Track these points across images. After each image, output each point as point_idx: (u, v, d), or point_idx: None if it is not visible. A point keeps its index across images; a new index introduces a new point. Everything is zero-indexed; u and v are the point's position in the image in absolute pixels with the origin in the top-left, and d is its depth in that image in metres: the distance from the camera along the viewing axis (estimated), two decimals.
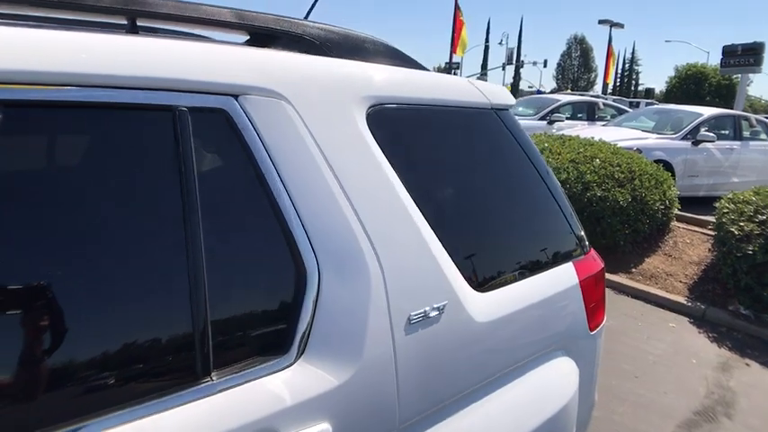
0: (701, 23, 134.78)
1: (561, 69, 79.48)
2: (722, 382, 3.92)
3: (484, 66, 66.02)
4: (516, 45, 67.00)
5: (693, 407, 3.58)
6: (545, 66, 61.30)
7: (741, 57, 17.45)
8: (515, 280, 1.59)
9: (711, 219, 5.84)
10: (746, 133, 10.23)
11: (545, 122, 11.84)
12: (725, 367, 4.16)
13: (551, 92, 46.34)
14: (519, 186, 1.73)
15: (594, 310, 1.80)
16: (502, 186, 1.68)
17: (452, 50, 28.59)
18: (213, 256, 1.05)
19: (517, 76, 69.58)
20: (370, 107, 1.37)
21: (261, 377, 1.09)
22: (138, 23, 1.25)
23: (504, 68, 55.33)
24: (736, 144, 9.79)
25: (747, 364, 4.25)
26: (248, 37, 1.57)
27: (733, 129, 10.03)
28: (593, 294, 1.79)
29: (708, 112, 9.98)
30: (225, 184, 1.12)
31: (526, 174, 1.73)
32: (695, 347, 4.46)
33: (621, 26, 39.39)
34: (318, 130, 1.23)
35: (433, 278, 1.35)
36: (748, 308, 5.00)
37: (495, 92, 1.75)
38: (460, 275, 1.42)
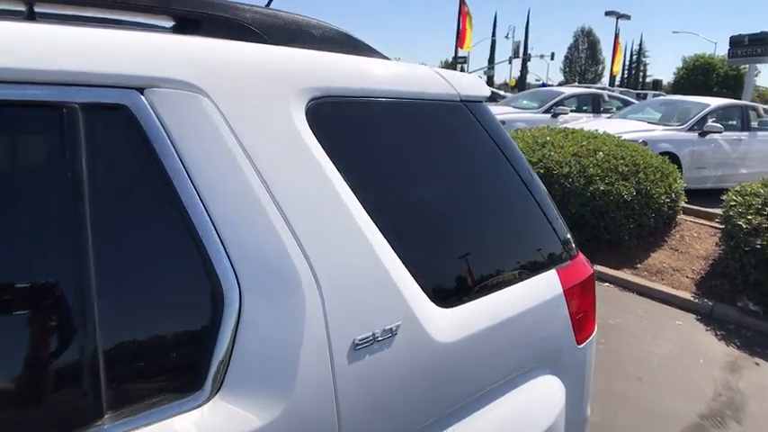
0: (708, 14, 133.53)
1: (569, 62, 78.88)
2: (731, 384, 3.74)
3: (491, 60, 65.54)
4: (523, 38, 66.49)
5: (700, 410, 3.40)
6: (552, 58, 60.74)
7: (748, 47, 17.24)
8: (488, 292, 1.42)
9: (719, 211, 5.64)
10: (754, 124, 10.01)
11: (549, 115, 11.63)
12: (733, 367, 3.98)
13: (559, 84, 46.02)
14: (492, 187, 1.56)
15: (582, 321, 1.63)
16: (471, 188, 1.51)
17: (458, 45, 28.38)
18: (107, 275, 0.90)
19: (524, 70, 69.07)
20: (310, 100, 1.20)
21: (166, 418, 0.93)
22: (38, 10, 1.10)
23: (510, 62, 55.00)
24: (744, 135, 9.57)
25: (757, 364, 4.07)
26: (174, 23, 1.40)
27: (741, 119, 9.81)
28: (580, 304, 1.62)
29: (715, 102, 9.75)
30: (123, 192, 0.96)
31: (501, 173, 1.56)
32: (702, 346, 4.28)
33: (628, 17, 39.05)
34: (243, 128, 1.07)
35: (385, 295, 1.19)
36: (757, 304, 4.81)
37: (465, 83, 1.57)
38: (420, 290, 1.25)
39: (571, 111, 12.14)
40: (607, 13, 38.14)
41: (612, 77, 45.53)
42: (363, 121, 1.33)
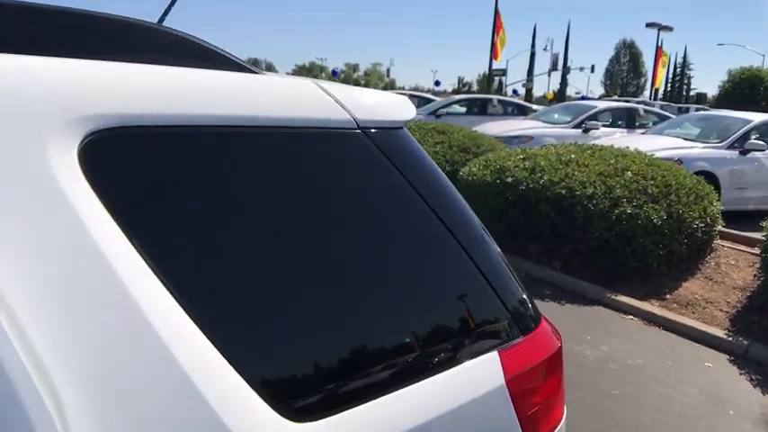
0: (755, 26, 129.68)
1: (609, 75, 77.75)
2: None
3: (530, 72, 64.72)
4: (563, 50, 65.61)
5: None
6: (592, 71, 59.82)
7: None
8: (377, 394, 0.99)
9: (762, 236, 5.13)
10: None
11: (580, 131, 11.15)
12: None
13: (600, 98, 45.12)
14: (398, 246, 1.15)
15: (540, 414, 1.20)
16: (361, 248, 1.11)
17: (492, 57, 27.95)
18: None
19: (564, 82, 68.06)
20: (90, 135, 0.84)
21: None
22: None
23: (549, 75, 54.28)
24: None
25: None
26: None
27: None
28: (537, 393, 1.21)
29: (758, 118, 9.18)
30: None
31: (416, 224, 1.17)
32: (733, 394, 3.81)
33: (670, 29, 38.07)
34: None
35: (193, 420, 0.79)
36: None
37: (367, 104, 1.19)
38: (258, 399, 0.85)
39: (604, 126, 11.65)
40: (648, 25, 37.16)
41: (655, 91, 44.44)
42: (189, 161, 0.96)
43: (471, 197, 6.83)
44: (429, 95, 23.83)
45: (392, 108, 1.22)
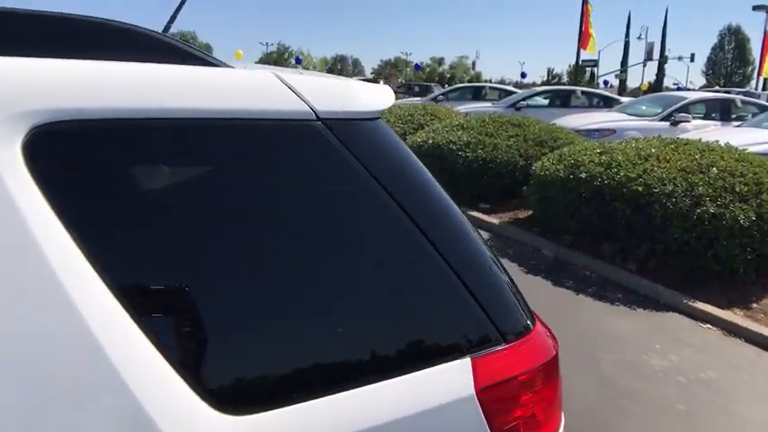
0: None
1: (712, 64, 73.44)
2: None
3: (624, 62, 62.04)
4: (660, 39, 62.49)
5: None
6: (692, 60, 56.51)
7: None
8: (320, 393, 0.95)
9: None
10: None
11: (668, 123, 10.48)
12: None
13: (700, 88, 42.68)
14: (358, 238, 1.09)
15: (523, 429, 1.08)
16: (317, 243, 1.05)
17: (581, 46, 26.96)
18: None
19: (660, 73, 64.82)
20: (34, 129, 0.85)
21: None
22: None
23: (645, 65, 51.84)
24: None
25: None
26: None
27: None
28: (516, 408, 1.09)
29: None
30: None
31: (379, 219, 1.09)
32: None
33: None
34: None
35: (116, 404, 0.80)
36: None
37: (331, 94, 1.11)
38: (189, 390, 0.85)
39: (696, 118, 10.90)
40: (755, 8, 34.65)
41: (764, 81, 41.45)
42: (138, 155, 0.96)
43: (544, 193, 6.56)
44: (510, 88, 23.25)
45: (362, 98, 1.13)
